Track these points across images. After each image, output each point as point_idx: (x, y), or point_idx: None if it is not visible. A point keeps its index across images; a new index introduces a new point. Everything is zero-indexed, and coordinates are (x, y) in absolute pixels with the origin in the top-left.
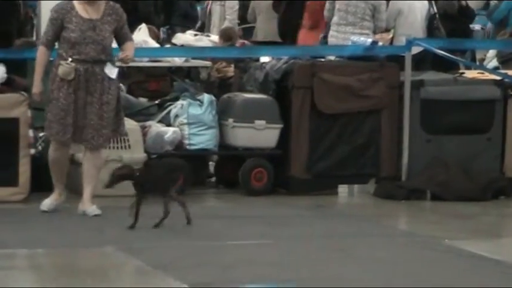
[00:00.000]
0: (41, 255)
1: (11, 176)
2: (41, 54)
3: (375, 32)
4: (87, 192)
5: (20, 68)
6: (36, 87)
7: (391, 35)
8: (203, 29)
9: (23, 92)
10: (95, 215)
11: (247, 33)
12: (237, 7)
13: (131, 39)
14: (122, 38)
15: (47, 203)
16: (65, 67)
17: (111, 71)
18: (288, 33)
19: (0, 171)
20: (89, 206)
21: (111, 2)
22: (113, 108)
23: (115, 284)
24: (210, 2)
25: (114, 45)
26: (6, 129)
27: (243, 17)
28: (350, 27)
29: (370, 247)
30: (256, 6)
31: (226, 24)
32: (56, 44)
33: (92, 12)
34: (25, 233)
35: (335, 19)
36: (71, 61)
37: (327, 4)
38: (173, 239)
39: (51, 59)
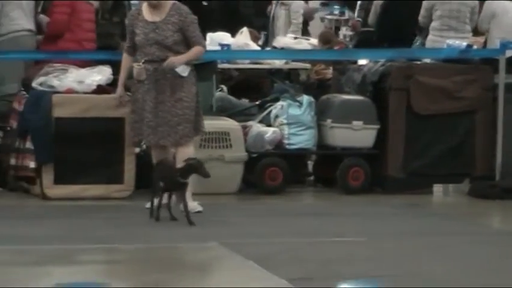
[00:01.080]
0: (145, 250)
1: (116, 173)
2: (123, 60)
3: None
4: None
5: None
6: (117, 91)
7: (484, 39)
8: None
9: (128, 93)
10: (197, 212)
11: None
12: (301, 11)
13: (199, 44)
14: (190, 41)
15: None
16: (136, 69)
17: (182, 69)
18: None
19: (107, 169)
20: (191, 203)
21: (178, 3)
22: (188, 105)
23: (218, 277)
24: (273, 6)
25: None
26: (112, 128)
27: (364, 20)
28: (452, 32)
29: (464, 245)
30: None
31: (292, 28)
32: None
33: (156, 14)
34: (129, 228)
35: (436, 25)
36: (143, 63)
37: (423, 11)
38: (273, 235)
39: None
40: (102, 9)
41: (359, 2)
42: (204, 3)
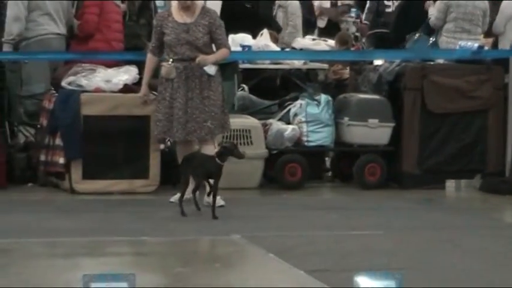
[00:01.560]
0: (170, 243)
1: (142, 169)
2: (147, 60)
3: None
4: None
5: None
6: (141, 90)
7: (492, 40)
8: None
9: (153, 92)
10: (220, 206)
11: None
12: (298, 13)
13: (225, 46)
14: (216, 43)
15: (177, 196)
16: (166, 67)
17: (210, 69)
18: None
19: (133, 165)
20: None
21: (207, 7)
22: (215, 103)
23: (241, 268)
24: (276, 7)
25: None
26: (138, 125)
27: (372, 23)
28: (465, 34)
29: (477, 238)
30: None
31: (289, 30)
32: None
33: (186, 16)
34: (155, 222)
35: (450, 27)
36: (172, 62)
37: (437, 13)
38: (292, 228)
39: None
40: (130, 11)
41: (367, 5)
42: (247, 5)
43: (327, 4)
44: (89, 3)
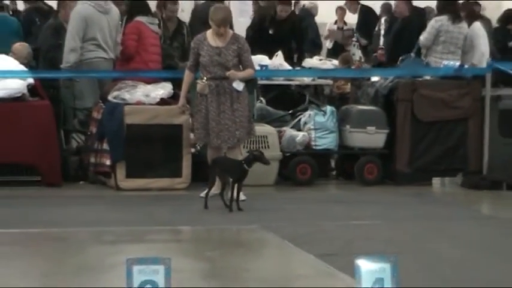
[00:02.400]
0: (202, 231)
1: (176, 169)
2: (185, 76)
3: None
4: None
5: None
6: (180, 101)
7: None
8: None
9: (186, 104)
10: (242, 200)
11: None
12: None
13: (251, 67)
14: (243, 64)
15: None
16: (200, 84)
17: (238, 85)
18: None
19: (168, 165)
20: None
21: (237, 34)
22: (243, 114)
23: (260, 253)
24: None
25: None
26: (172, 133)
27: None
28: (450, 55)
29: (461, 227)
30: None
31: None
32: None
33: (219, 41)
34: (188, 213)
35: (439, 48)
36: (206, 80)
37: (429, 35)
38: (304, 219)
39: None
40: (164, 35)
41: (383, 30)
42: (270, 31)
43: (334, 27)
44: (129, 31)
